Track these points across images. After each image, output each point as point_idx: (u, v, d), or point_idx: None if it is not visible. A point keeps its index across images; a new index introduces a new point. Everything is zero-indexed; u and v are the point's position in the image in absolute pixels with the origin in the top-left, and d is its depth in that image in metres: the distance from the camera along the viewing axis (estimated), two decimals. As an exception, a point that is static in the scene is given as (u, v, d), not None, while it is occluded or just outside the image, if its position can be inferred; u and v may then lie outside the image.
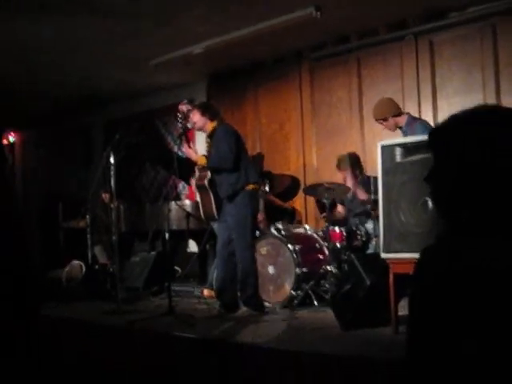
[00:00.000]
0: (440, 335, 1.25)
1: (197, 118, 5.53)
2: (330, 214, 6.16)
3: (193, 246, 8.19)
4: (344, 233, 5.88)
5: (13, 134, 11.69)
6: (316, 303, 5.56)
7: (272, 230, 6.12)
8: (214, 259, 6.04)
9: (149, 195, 9.63)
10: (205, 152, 5.68)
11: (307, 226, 6.56)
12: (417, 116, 6.12)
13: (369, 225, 6.03)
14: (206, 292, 6.31)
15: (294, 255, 5.73)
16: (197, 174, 5.60)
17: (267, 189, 6.89)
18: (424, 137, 4.00)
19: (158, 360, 4.45)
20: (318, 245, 6.07)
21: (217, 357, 4.17)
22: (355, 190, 6.24)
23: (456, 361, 1.21)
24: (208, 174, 5.47)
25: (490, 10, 6.19)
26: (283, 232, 6.06)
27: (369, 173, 6.49)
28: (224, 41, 7.07)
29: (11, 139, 11.70)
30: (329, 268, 5.65)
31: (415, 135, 4.91)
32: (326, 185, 5.97)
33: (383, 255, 4.13)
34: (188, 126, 5.64)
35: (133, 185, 9.80)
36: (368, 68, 7.22)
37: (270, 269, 5.90)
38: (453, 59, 6.53)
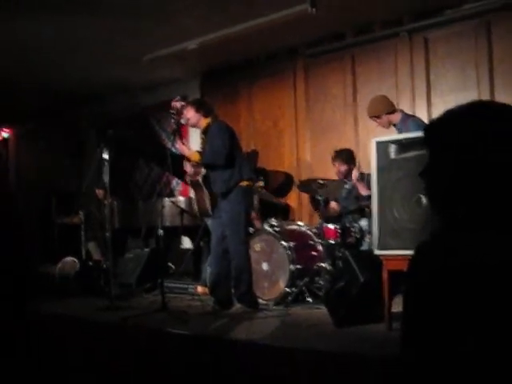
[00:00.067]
0: (435, 332, 1.24)
1: (191, 115, 5.51)
2: (324, 211, 6.16)
3: (187, 243, 8.19)
4: (338, 229, 5.88)
5: (6, 130, 11.64)
6: (310, 300, 5.56)
7: (266, 227, 6.12)
8: (208, 256, 6.03)
9: (142, 192, 9.62)
10: (198, 148, 5.67)
11: (301, 223, 6.56)
12: (410, 113, 6.12)
13: (363, 222, 6.02)
14: (200, 289, 6.30)
15: (288, 252, 5.72)
16: (190, 171, 5.59)
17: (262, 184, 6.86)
18: (419, 133, 4.00)
19: (152, 356, 4.44)
20: (312, 241, 6.07)
21: (210, 353, 4.16)
22: (356, 184, 6.18)
23: (451, 357, 1.21)
24: (202, 171, 5.46)
25: (485, 8, 6.20)
26: (277, 228, 6.06)
27: (363, 170, 6.48)
28: (218, 37, 7.05)
29: (5, 135, 11.65)
30: (323, 265, 5.64)
31: (409, 132, 4.91)
32: (320, 181, 5.97)
33: (377, 252, 4.13)
34: (181, 123, 5.62)
35: (126, 181, 9.78)
36: (362, 65, 7.21)
37: (264, 265, 5.89)
38: (447, 56, 6.53)
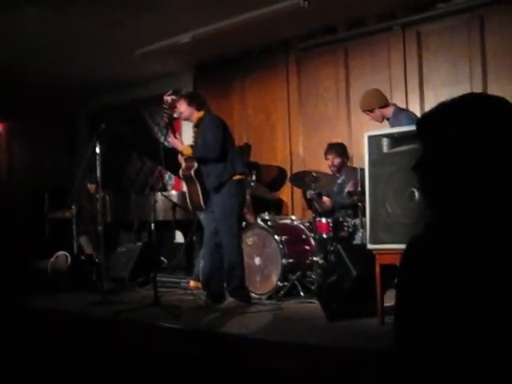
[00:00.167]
0: (427, 325, 1.24)
1: (183, 108, 5.49)
2: (317, 205, 6.15)
3: (179, 237, 8.17)
4: (331, 224, 5.87)
5: (-2, 125, 11.57)
6: (302, 294, 5.56)
7: (258, 221, 6.11)
8: (201, 250, 6.02)
9: (135, 186, 9.60)
10: (191, 142, 5.64)
11: (294, 217, 6.56)
12: (403, 107, 6.12)
13: (356, 220, 5.98)
14: (193, 283, 6.29)
15: (281, 246, 5.72)
16: (183, 164, 5.57)
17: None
18: (411, 127, 3.99)
19: (144, 351, 4.43)
20: (305, 236, 6.07)
21: (203, 348, 4.16)
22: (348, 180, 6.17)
23: (444, 351, 1.20)
24: (195, 165, 5.43)
25: (478, 1, 6.19)
26: (270, 223, 6.05)
27: (356, 164, 6.48)
28: (211, 30, 7.03)
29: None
30: (315, 259, 5.64)
31: (401, 126, 4.90)
32: (314, 174, 5.96)
33: (370, 246, 4.13)
34: (174, 116, 5.60)
35: (119, 175, 9.75)
36: (355, 59, 7.20)
37: (257, 260, 5.89)
38: (440, 50, 6.53)
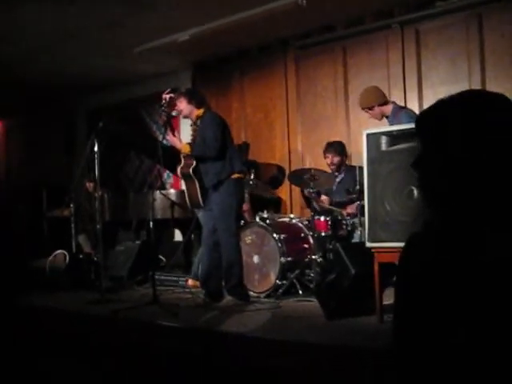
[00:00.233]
0: (426, 323, 1.23)
1: (183, 106, 5.48)
2: (316, 203, 6.15)
3: (178, 236, 8.17)
4: (329, 222, 5.87)
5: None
6: (301, 292, 5.56)
7: (257, 219, 6.10)
8: (199, 249, 6.01)
9: (133, 184, 9.59)
10: (189, 140, 5.63)
11: (292, 215, 6.55)
12: (402, 105, 6.12)
13: (355, 218, 5.98)
14: (191, 281, 6.28)
15: (279, 244, 5.71)
16: (182, 162, 5.56)
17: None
18: (410, 125, 3.99)
19: (143, 349, 4.43)
20: (303, 234, 6.06)
21: (201, 346, 4.16)
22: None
23: (443, 349, 1.20)
24: (193, 163, 5.42)
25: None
26: (268, 221, 6.05)
27: (354, 162, 6.48)
28: (210, 29, 7.02)
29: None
30: (314, 257, 5.63)
31: (400, 124, 4.90)
32: (312, 171, 5.95)
33: (368, 244, 4.12)
34: (172, 115, 5.58)
35: (117, 174, 9.74)
36: (354, 57, 7.19)
37: (255, 258, 5.88)
38: (438, 48, 6.52)
